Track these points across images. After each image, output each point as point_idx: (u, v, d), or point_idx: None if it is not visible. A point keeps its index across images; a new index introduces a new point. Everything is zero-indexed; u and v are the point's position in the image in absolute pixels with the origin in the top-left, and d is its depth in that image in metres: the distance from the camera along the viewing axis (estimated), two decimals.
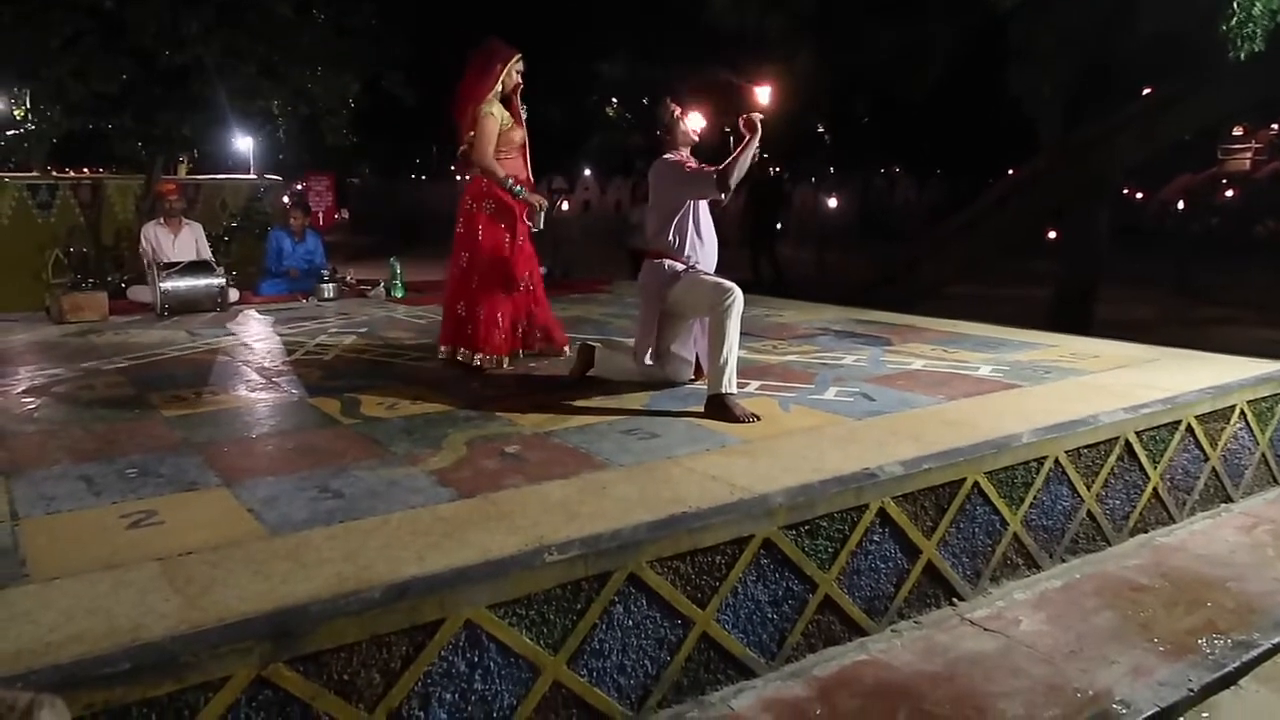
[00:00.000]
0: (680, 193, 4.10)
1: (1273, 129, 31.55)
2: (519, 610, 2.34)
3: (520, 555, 2.37)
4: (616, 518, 2.62)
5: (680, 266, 4.12)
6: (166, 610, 2.07)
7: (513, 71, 4.69)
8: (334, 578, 2.24)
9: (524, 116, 4.79)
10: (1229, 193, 26.98)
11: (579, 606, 2.43)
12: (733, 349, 3.84)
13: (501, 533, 2.50)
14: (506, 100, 4.71)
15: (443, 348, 4.83)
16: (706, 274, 4.12)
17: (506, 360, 4.75)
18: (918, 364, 4.86)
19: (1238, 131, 31.39)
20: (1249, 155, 32.98)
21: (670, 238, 4.13)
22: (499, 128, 4.62)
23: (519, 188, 4.59)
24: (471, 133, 4.62)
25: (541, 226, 4.63)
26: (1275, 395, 4.48)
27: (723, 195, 4.03)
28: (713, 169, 3.99)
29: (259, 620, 2.04)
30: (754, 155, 4.03)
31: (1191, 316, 12.00)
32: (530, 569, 2.35)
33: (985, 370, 4.68)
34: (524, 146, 4.79)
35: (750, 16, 9.53)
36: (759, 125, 3.91)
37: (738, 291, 3.90)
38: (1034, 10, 7.67)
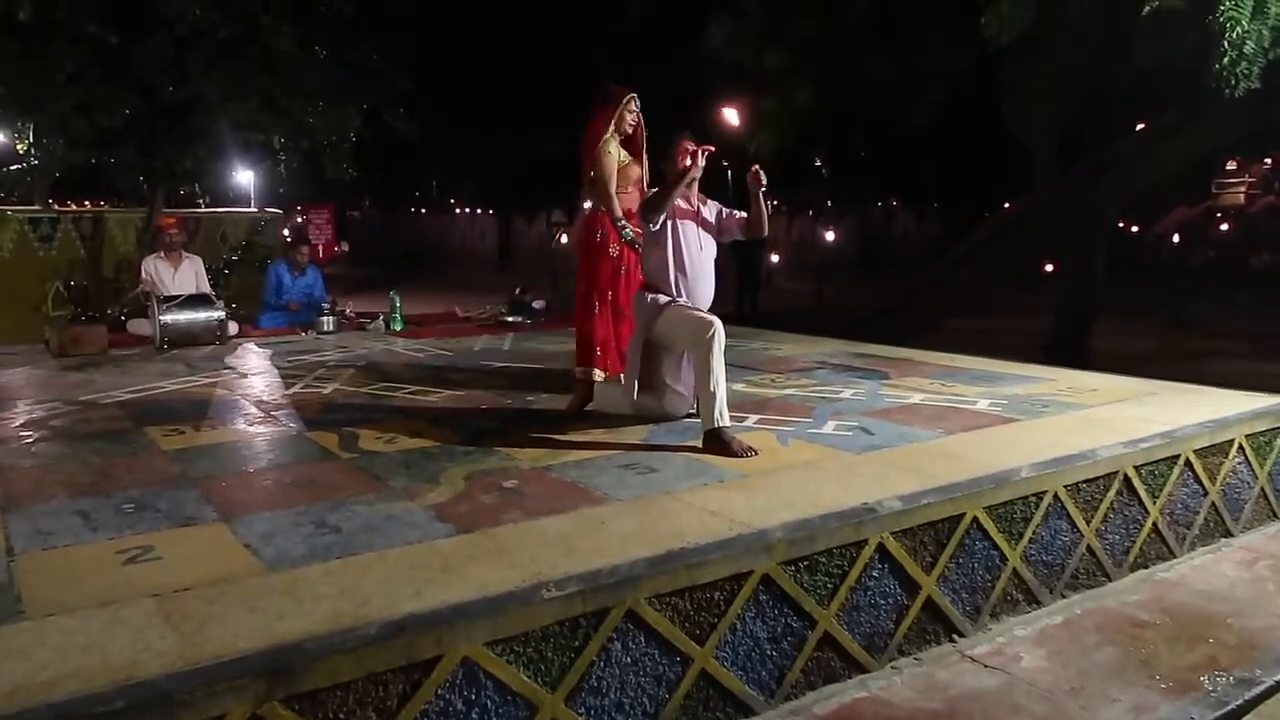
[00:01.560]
0: (644, 225, 4.17)
1: (1266, 163, 31.87)
2: (516, 647, 2.32)
3: (518, 591, 2.36)
4: (615, 553, 2.61)
5: (664, 299, 4.15)
6: (162, 648, 2.05)
7: (624, 113, 4.76)
8: (330, 614, 2.22)
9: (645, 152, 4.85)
10: (1224, 226, 27.17)
11: (577, 643, 2.42)
12: (719, 382, 3.84)
13: (500, 568, 2.49)
14: (629, 139, 4.79)
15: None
16: (689, 307, 4.13)
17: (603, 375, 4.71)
18: (916, 398, 4.87)
19: (1231, 166, 31.72)
20: (1243, 189, 33.31)
21: (653, 269, 4.18)
22: (616, 164, 4.70)
23: (628, 230, 4.60)
24: (592, 172, 4.70)
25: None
26: (1273, 429, 4.49)
27: (651, 225, 4.08)
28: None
29: (254, 658, 2.03)
30: (766, 205, 4.12)
31: (1188, 349, 12.03)
32: (528, 605, 2.34)
33: (983, 404, 4.69)
34: (640, 181, 4.85)
35: (747, 52, 9.65)
36: (699, 160, 3.96)
37: (718, 325, 3.92)
38: (1029, 46, 7.77)
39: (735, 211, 4.33)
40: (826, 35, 9.30)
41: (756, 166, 4.09)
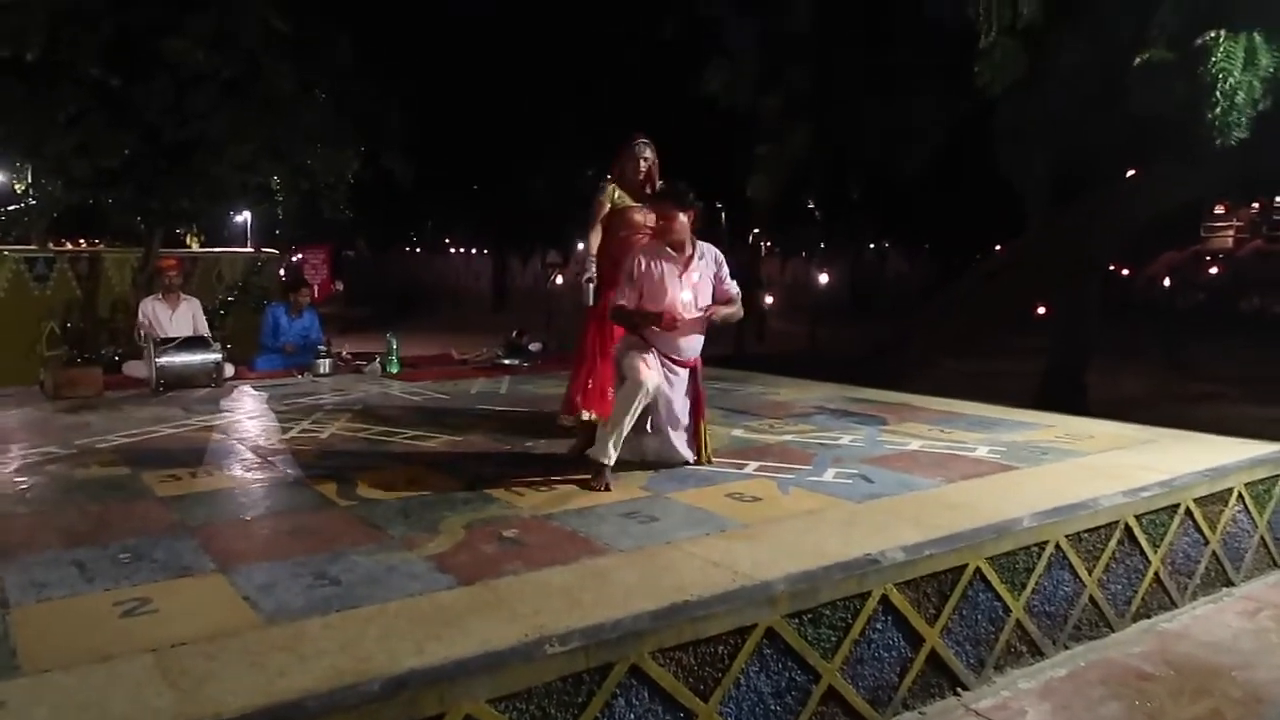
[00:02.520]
0: None
1: (1253, 208, 32.29)
2: (519, 704, 2.29)
3: (520, 647, 2.33)
4: (618, 606, 2.58)
5: (633, 337, 4.23)
6: (160, 705, 2.02)
7: (627, 159, 4.81)
8: (331, 670, 2.19)
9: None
10: (1213, 269, 27.44)
11: (580, 700, 2.39)
12: (617, 423, 3.97)
13: (502, 622, 2.47)
14: (641, 184, 4.83)
15: (567, 416, 4.89)
16: (635, 349, 4.17)
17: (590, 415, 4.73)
18: (915, 444, 4.87)
19: (1219, 210, 32.15)
20: (1231, 233, 33.73)
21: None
22: (606, 209, 4.76)
23: (587, 276, 4.67)
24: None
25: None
26: (1272, 477, 4.49)
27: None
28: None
29: (254, 716, 2.00)
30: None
31: (1181, 392, 12.09)
32: (531, 661, 2.31)
33: (982, 451, 4.69)
34: (645, 227, 4.84)
35: (744, 97, 9.78)
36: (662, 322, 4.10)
37: (647, 387, 4.01)
38: (1023, 94, 7.90)
39: (724, 285, 4.32)
40: (822, 82, 9.44)
41: (710, 311, 4.22)
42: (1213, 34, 5.70)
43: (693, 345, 4.27)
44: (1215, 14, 5.91)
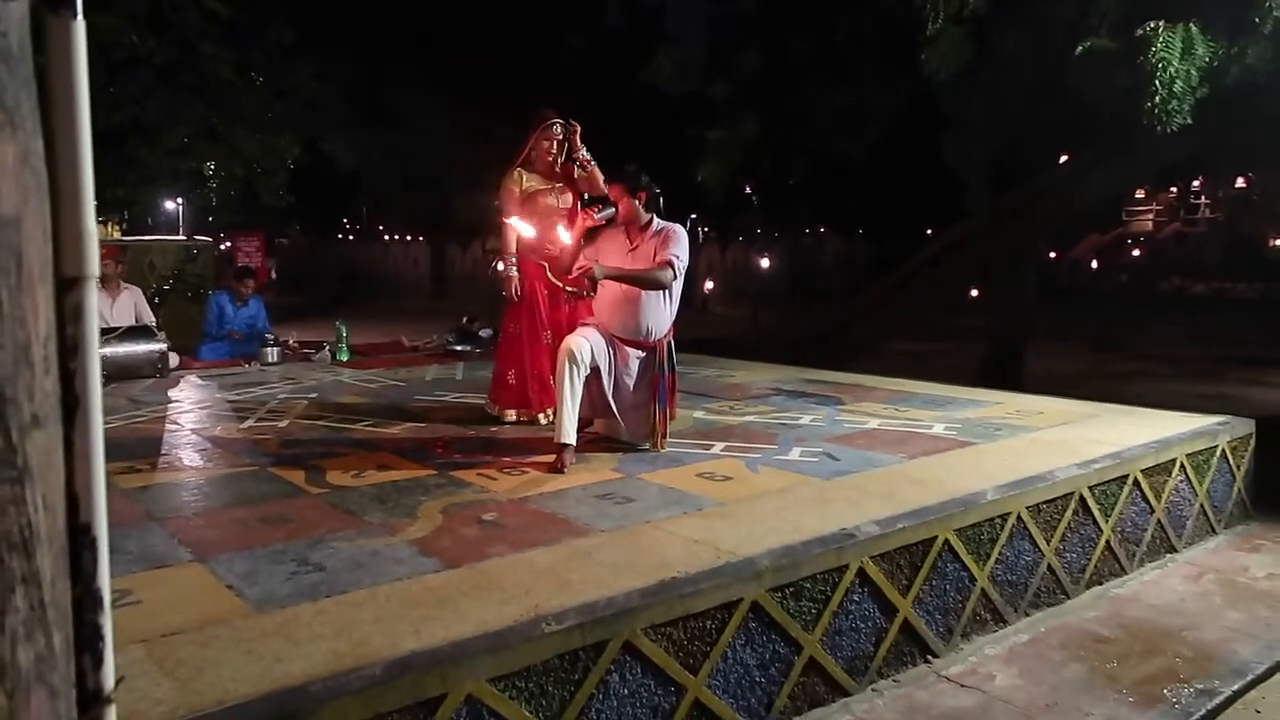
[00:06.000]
0: None
1: (1172, 192, 33.50)
2: (518, 682, 2.31)
3: (519, 626, 2.36)
4: (608, 585, 2.62)
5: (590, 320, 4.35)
6: (160, 695, 2.00)
7: (539, 140, 4.78)
8: (330, 655, 2.19)
9: (597, 176, 4.81)
10: (1135, 251, 28.40)
11: (576, 676, 2.42)
12: (562, 402, 4.04)
13: (496, 603, 2.48)
14: (550, 166, 4.82)
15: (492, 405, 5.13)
16: (581, 328, 4.29)
17: (514, 414, 4.96)
18: (873, 423, 4.98)
19: (1140, 195, 33.29)
20: (1151, 216, 34.99)
21: None
22: (517, 194, 4.75)
23: (500, 264, 4.73)
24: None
25: (579, 293, 4.57)
26: (1209, 448, 4.71)
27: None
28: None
29: (259, 702, 1.99)
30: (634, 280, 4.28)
31: (1112, 371, 12.53)
32: (530, 640, 2.33)
33: (939, 428, 4.82)
34: (558, 211, 4.82)
35: (693, 83, 9.83)
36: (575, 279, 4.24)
37: (567, 350, 4.10)
38: (966, 81, 8.08)
39: (660, 254, 4.29)
40: (770, 69, 9.53)
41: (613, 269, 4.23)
42: (1152, 24, 5.91)
43: (623, 321, 4.27)
44: (1154, 4, 6.13)
